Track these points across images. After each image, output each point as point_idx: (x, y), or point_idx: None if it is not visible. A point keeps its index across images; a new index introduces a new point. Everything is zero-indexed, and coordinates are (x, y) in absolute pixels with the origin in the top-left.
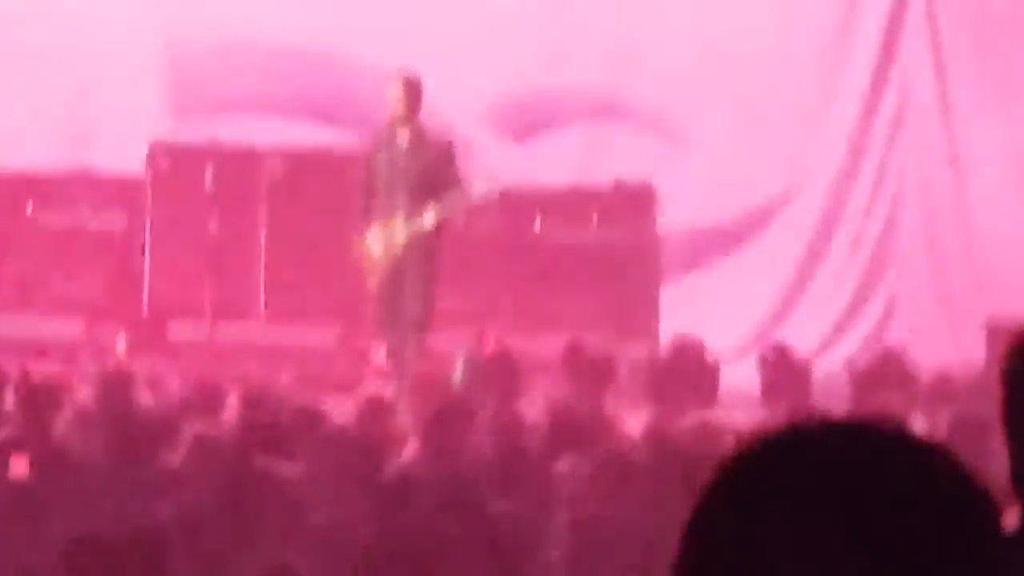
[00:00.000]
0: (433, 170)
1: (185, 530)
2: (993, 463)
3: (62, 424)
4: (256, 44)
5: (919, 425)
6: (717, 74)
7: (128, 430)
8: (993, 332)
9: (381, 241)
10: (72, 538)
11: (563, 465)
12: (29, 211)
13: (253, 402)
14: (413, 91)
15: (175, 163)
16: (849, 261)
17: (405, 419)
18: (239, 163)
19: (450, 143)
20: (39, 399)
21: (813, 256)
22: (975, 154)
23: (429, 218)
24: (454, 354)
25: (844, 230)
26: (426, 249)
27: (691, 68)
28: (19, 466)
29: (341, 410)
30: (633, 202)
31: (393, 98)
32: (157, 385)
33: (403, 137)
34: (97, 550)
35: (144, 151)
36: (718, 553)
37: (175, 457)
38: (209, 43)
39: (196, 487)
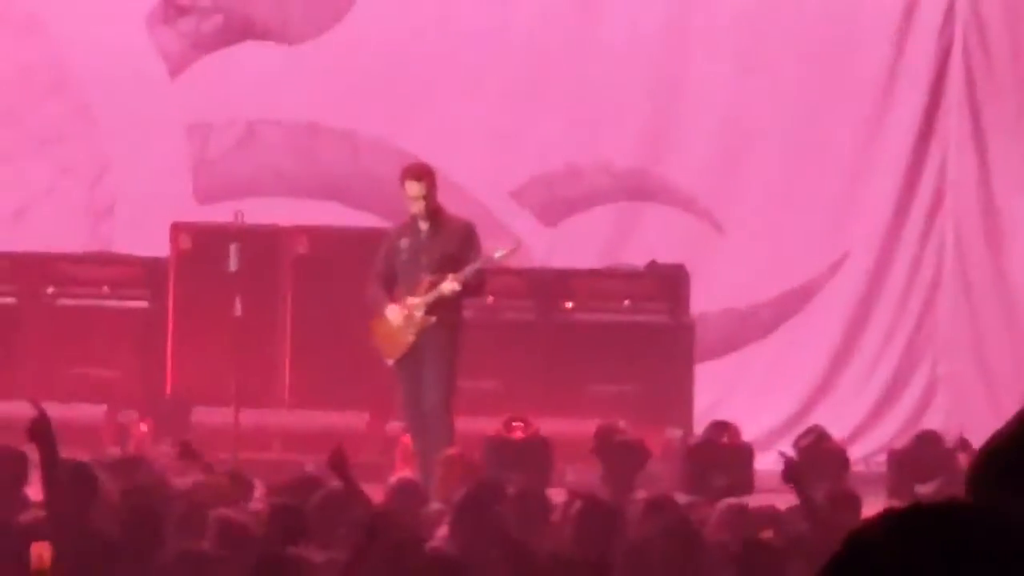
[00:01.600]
0: (455, 253)
1: None
2: None
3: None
4: (280, 124)
5: None
6: (752, 152)
7: (153, 514)
8: None
9: (401, 315)
10: None
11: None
12: (49, 293)
13: (281, 487)
14: (428, 185)
15: (198, 242)
16: (888, 342)
17: (435, 503)
18: (263, 242)
19: (472, 226)
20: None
21: (851, 337)
22: (1016, 228)
23: (450, 284)
24: (483, 437)
25: (882, 310)
26: (447, 327)
27: (725, 147)
28: (42, 555)
29: (371, 495)
30: (666, 284)
31: (411, 196)
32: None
33: (424, 225)
34: None
35: (165, 232)
36: None
37: (203, 542)
38: (232, 123)
39: (225, 573)
